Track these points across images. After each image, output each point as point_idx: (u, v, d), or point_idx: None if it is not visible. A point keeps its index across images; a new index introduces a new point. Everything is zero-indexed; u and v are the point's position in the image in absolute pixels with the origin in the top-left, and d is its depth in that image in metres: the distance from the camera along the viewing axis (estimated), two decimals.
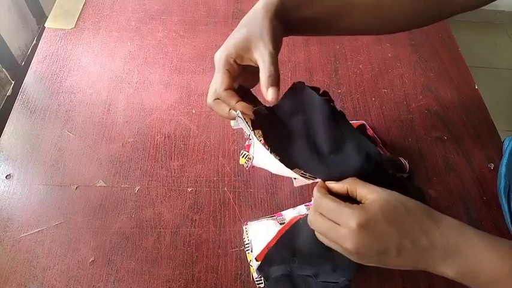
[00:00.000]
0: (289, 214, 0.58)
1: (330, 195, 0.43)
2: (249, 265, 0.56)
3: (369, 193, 0.41)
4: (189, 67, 0.79)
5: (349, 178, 0.44)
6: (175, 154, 0.67)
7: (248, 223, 0.59)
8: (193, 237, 0.59)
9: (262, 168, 0.65)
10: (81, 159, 0.66)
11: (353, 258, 0.42)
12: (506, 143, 0.69)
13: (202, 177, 0.65)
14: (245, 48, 0.47)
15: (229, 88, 0.47)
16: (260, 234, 0.56)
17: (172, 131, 0.70)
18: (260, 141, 0.47)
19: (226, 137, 0.70)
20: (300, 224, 0.52)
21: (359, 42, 0.85)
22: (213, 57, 0.49)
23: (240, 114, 0.46)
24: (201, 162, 0.66)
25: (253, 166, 0.53)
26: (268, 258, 0.51)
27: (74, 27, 0.84)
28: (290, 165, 0.46)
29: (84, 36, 0.83)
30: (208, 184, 0.64)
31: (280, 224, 0.56)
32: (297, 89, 0.49)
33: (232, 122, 0.51)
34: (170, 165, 0.66)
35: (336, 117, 0.48)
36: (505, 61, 2.01)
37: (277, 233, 0.52)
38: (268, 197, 0.63)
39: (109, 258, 0.57)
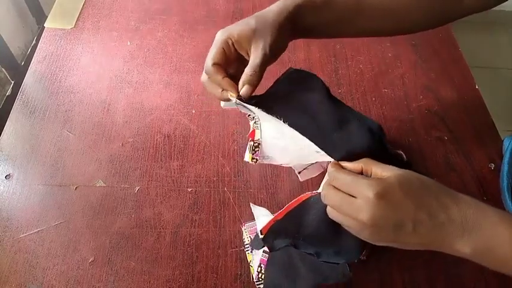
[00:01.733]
0: None
1: (345, 170, 0.43)
2: (249, 265, 0.56)
3: (384, 171, 0.41)
4: (188, 67, 0.79)
5: (364, 158, 0.43)
6: (175, 154, 0.67)
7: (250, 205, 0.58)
8: (193, 237, 0.59)
9: (262, 168, 0.66)
10: (81, 159, 0.65)
11: (366, 234, 0.40)
12: (506, 143, 0.69)
13: (202, 177, 0.65)
14: (247, 37, 0.47)
15: (218, 64, 0.47)
16: (263, 214, 0.56)
17: (172, 130, 0.70)
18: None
19: (226, 137, 0.69)
20: (310, 201, 0.51)
21: (359, 42, 0.85)
22: None
23: (237, 101, 0.47)
24: (201, 162, 0.66)
25: (260, 159, 0.52)
26: (274, 230, 0.49)
27: (74, 27, 0.84)
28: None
29: (83, 36, 0.83)
30: (208, 184, 0.64)
31: None
32: (292, 73, 0.50)
33: (222, 103, 0.51)
34: (170, 165, 0.66)
35: (334, 97, 0.49)
36: (506, 61, 2.01)
37: (285, 208, 0.51)
38: (268, 197, 0.63)
39: (109, 258, 0.57)
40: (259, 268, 0.54)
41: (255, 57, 0.47)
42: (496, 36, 2.12)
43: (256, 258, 0.55)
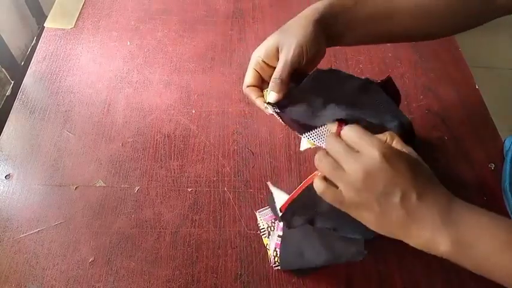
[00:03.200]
0: None
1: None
2: (249, 265, 0.56)
3: (403, 147, 0.42)
4: (188, 67, 0.79)
5: (389, 131, 0.44)
6: (175, 154, 0.67)
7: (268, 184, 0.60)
8: (193, 237, 0.59)
9: (262, 168, 0.66)
10: (81, 159, 0.65)
11: (351, 193, 0.39)
12: (507, 143, 0.69)
13: (202, 177, 0.65)
14: (273, 51, 0.50)
15: (252, 85, 0.52)
16: (281, 193, 0.57)
17: (172, 130, 0.70)
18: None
19: (226, 137, 0.69)
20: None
21: None
22: (212, 57, 0.51)
23: (268, 107, 0.51)
24: (201, 162, 0.66)
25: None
26: (292, 208, 0.51)
27: (74, 27, 0.84)
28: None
29: (83, 36, 0.83)
30: (208, 184, 0.64)
31: None
32: (323, 71, 0.51)
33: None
34: (170, 165, 0.66)
35: (367, 89, 0.50)
36: (506, 61, 2.01)
37: (302, 185, 0.51)
38: (268, 197, 0.63)
39: (109, 258, 0.57)
40: (275, 252, 0.56)
41: (278, 65, 0.49)
42: (496, 36, 2.12)
43: (272, 242, 0.56)
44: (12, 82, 1.03)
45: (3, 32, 0.98)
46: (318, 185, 0.42)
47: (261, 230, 0.59)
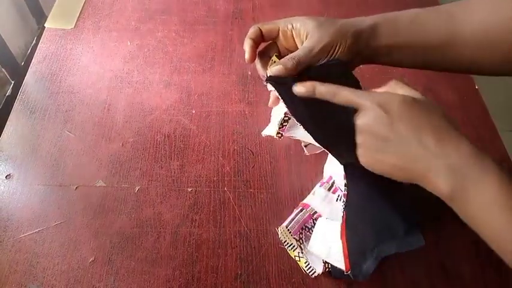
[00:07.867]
0: (314, 202, 0.60)
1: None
2: (249, 265, 0.57)
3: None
4: (189, 67, 0.79)
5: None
6: (175, 154, 0.67)
7: (310, 242, 0.57)
8: (193, 237, 0.59)
9: (262, 168, 0.66)
10: (81, 159, 0.66)
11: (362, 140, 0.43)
12: None
13: (202, 177, 0.65)
14: (306, 28, 0.48)
15: (261, 31, 0.50)
16: (325, 240, 0.55)
17: (172, 131, 0.70)
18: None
19: (226, 137, 0.70)
20: (350, 215, 0.51)
21: None
22: (212, 57, 0.50)
23: (270, 87, 0.49)
24: (201, 162, 0.66)
25: (285, 133, 0.55)
26: (354, 260, 0.50)
27: (74, 27, 0.84)
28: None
29: (84, 36, 0.83)
30: (208, 184, 0.64)
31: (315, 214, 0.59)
32: (332, 65, 0.49)
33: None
34: (170, 165, 0.66)
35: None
36: None
37: (342, 235, 0.51)
38: (268, 197, 0.63)
39: (109, 258, 0.57)
40: (327, 264, 0.55)
41: (302, 47, 0.47)
42: None
43: (318, 262, 0.56)
44: (13, 82, 1.03)
45: (3, 32, 0.98)
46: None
47: (285, 244, 0.58)
